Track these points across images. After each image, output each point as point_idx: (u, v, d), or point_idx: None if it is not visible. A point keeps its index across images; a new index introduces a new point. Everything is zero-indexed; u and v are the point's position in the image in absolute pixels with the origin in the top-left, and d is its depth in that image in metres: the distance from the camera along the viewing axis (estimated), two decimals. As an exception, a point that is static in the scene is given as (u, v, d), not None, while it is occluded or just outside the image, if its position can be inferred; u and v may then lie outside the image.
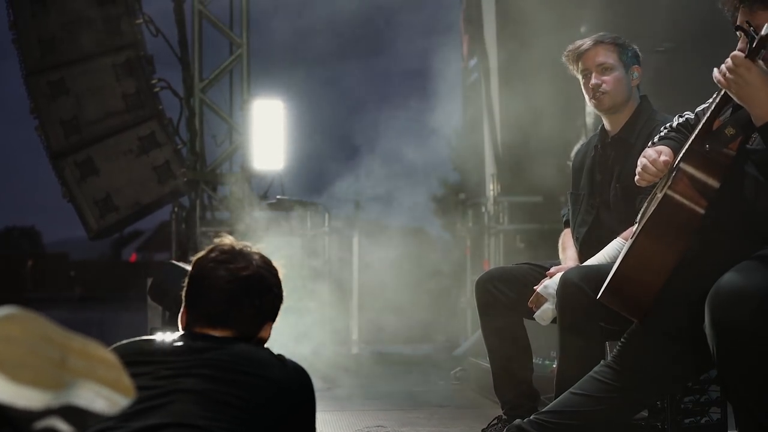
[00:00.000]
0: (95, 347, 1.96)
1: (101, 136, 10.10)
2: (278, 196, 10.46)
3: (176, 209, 10.63)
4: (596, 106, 4.64)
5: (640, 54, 4.68)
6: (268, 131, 10.24)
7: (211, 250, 2.85)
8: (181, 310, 2.86)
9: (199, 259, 2.86)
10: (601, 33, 4.69)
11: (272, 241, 10.04)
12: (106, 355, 1.97)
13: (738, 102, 3.42)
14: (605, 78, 4.58)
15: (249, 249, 2.88)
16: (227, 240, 2.89)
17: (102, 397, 1.91)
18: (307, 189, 11.06)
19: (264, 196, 10.62)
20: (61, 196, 10.25)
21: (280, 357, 2.77)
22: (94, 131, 10.06)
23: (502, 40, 10.45)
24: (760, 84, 3.33)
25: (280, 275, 2.92)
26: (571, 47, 4.68)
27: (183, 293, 2.86)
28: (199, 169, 10.27)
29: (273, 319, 2.89)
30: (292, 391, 2.70)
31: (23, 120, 10.13)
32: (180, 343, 2.72)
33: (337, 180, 10.90)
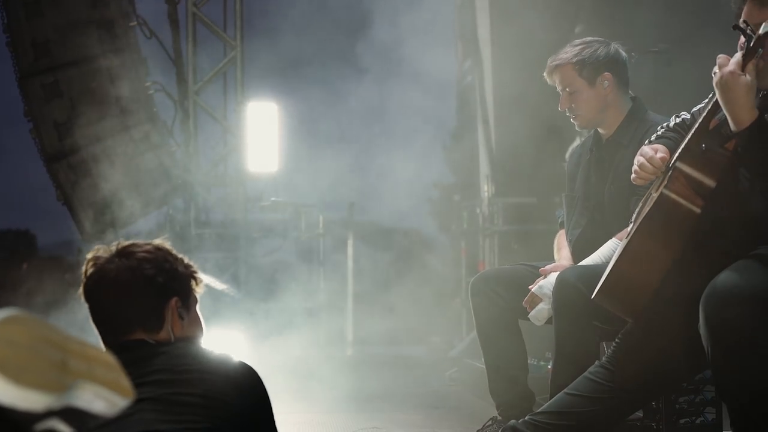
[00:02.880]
0: (94, 349, 1.96)
1: (95, 138, 10.07)
2: (272, 198, 10.45)
3: (171, 212, 10.62)
4: (576, 126, 4.71)
5: (617, 53, 4.63)
6: (262, 133, 10.23)
7: (85, 269, 2.86)
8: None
9: (82, 282, 2.87)
10: (571, 46, 4.65)
11: (267, 244, 10.04)
12: (104, 356, 1.98)
13: (721, 104, 3.43)
14: (573, 100, 4.60)
15: (117, 246, 2.87)
16: (95, 251, 2.88)
17: (101, 398, 1.91)
18: (302, 191, 11.04)
19: (258, 199, 10.61)
20: (55, 198, 10.23)
21: (225, 355, 2.79)
22: (89, 134, 10.02)
23: (496, 42, 10.45)
24: (743, 91, 3.34)
25: (165, 254, 2.89)
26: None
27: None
28: (193, 172, 10.25)
29: (173, 297, 2.86)
30: (245, 385, 2.72)
31: (17, 123, 10.10)
32: (122, 356, 2.72)
33: (331, 182, 10.90)
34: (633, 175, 3.76)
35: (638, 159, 3.73)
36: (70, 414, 1.86)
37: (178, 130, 10.45)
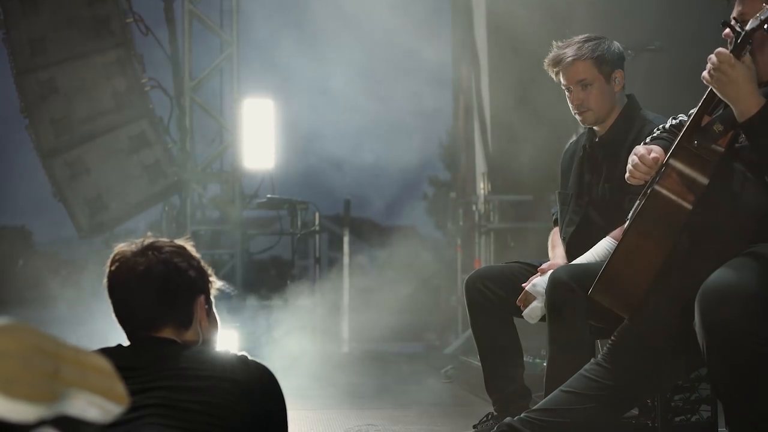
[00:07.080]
0: (88, 355, 1.94)
1: (92, 135, 10.08)
2: (268, 195, 10.45)
3: (167, 208, 10.63)
4: (581, 122, 4.63)
5: (623, 52, 4.62)
6: (258, 130, 10.24)
7: (111, 264, 2.80)
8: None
9: (107, 277, 2.81)
10: (581, 41, 4.57)
11: (262, 240, 10.04)
12: (99, 362, 1.95)
13: (722, 99, 3.43)
14: (587, 95, 4.52)
15: (143, 243, 2.81)
16: (121, 247, 2.82)
17: (95, 406, 1.90)
18: (298, 188, 11.05)
19: (254, 195, 10.62)
20: (51, 195, 10.24)
21: (241, 357, 2.75)
22: (85, 130, 10.03)
23: (492, 39, 10.47)
24: (743, 81, 3.34)
25: (191, 252, 2.86)
26: (551, 57, 4.61)
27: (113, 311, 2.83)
28: (189, 168, 10.26)
29: (201, 294, 2.84)
30: (257, 390, 2.69)
31: (13, 119, 10.11)
32: (139, 355, 2.70)
33: (327, 179, 10.92)
34: (627, 175, 3.76)
35: (632, 158, 3.72)
36: (63, 422, 1.84)
37: (174, 127, 10.45)
